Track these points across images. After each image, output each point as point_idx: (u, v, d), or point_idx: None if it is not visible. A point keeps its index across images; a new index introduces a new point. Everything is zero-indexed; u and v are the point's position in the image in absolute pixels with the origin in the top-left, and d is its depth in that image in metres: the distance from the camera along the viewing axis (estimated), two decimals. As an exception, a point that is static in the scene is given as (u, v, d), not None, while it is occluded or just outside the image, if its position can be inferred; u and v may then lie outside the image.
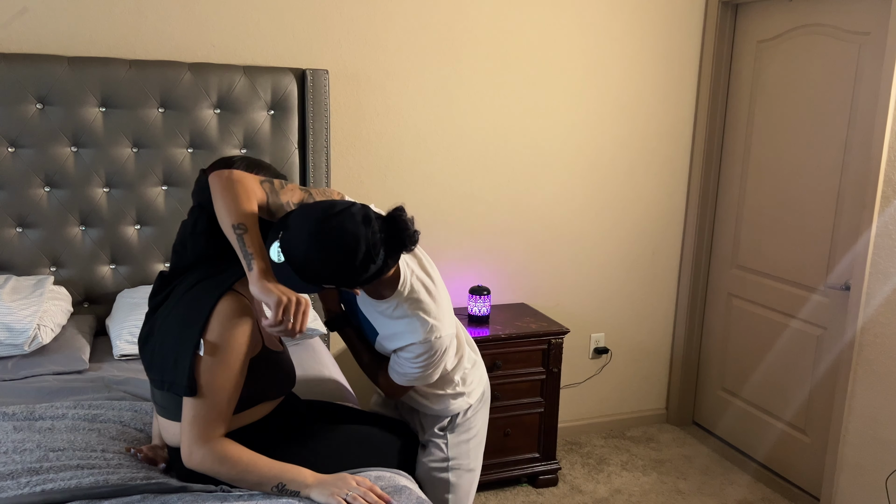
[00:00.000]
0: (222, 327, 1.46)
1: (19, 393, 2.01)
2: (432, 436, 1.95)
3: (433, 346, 1.69)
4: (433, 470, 1.93)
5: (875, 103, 2.63)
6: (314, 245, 1.38)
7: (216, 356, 1.46)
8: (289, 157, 2.71)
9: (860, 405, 2.71)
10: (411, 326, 1.67)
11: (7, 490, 1.45)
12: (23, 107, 2.38)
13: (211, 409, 1.47)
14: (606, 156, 3.33)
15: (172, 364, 1.49)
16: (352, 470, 1.67)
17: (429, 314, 1.68)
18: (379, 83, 2.90)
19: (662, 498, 3.04)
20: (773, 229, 3.16)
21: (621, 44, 3.24)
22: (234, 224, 1.44)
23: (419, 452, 1.97)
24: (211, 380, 1.46)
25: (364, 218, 1.43)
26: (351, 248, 1.39)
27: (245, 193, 1.47)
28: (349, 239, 1.39)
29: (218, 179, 1.49)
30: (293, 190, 1.56)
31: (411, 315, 1.67)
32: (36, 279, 2.38)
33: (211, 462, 1.47)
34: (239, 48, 2.69)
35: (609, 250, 3.45)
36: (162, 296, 1.60)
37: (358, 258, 1.40)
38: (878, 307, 2.62)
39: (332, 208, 1.42)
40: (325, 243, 1.38)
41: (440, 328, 1.69)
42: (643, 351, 3.64)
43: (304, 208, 1.44)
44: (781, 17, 3.06)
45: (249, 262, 1.42)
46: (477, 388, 1.97)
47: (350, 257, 1.40)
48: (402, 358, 1.73)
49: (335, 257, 1.39)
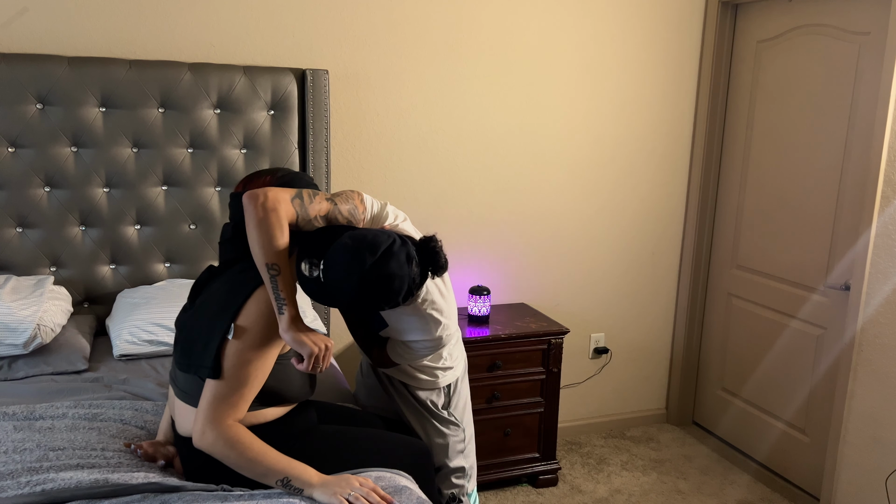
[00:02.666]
0: (257, 314, 1.51)
1: (19, 393, 2.01)
2: (443, 417, 2.03)
3: (442, 341, 1.82)
4: (456, 443, 2.04)
5: (875, 103, 2.64)
6: (362, 287, 1.48)
7: (246, 342, 1.50)
8: (289, 157, 2.71)
9: (860, 405, 2.71)
10: (424, 325, 1.77)
11: (7, 490, 1.45)
12: (23, 107, 2.38)
13: (232, 392, 1.50)
14: (606, 156, 3.33)
15: (202, 347, 1.53)
16: (353, 470, 1.67)
17: (441, 313, 1.78)
18: (379, 83, 2.90)
19: (662, 498, 3.04)
20: (773, 229, 3.16)
21: (621, 44, 3.24)
22: (268, 264, 1.50)
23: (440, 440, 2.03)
24: (237, 364, 1.50)
25: (407, 258, 1.54)
26: (396, 290, 1.52)
27: (279, 225, 1.51)
28: (396, 283, 1.51)
29: (253, 205, 1.51)
30: (321, 201, 1.60)
31: (424, 315, 1.76)
32: (36, 279, 2.38)
33: (222, 445, 1.48)
34: (239, 48, 2.69)
35: (609, 250, 3.45)
36: (204, 286, 1.68)
37: (401, 296, 1.54)
38: (878, 307, 2.62)
39: (376, 248, 1.50)
40: (374, 286, 1.49)
41: (450, 325, 1.81)
42: (643, 351, 3.64)
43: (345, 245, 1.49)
44: (781, 17, 3.06)
45: (281, 306, 1.49)
46: (460, 361, 2.09)
47: (394, 296, 1.53)
48: (409, 344, 1.84)
49: (382, 296, 1.51)
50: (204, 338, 1.54)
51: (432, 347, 1.85)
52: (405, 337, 1.83)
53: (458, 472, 2.08)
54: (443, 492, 2.09)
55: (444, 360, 2.01)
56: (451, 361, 2.04)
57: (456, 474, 2.08)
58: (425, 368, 1.99)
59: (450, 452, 2.04)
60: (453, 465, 2.06)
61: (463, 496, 2.09)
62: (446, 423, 2.04)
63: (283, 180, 1.66)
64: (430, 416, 2.03)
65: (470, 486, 2.12)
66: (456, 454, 2.06)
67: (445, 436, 2.03)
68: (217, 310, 1.55)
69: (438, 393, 2.04)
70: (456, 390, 2.08)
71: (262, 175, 1.68)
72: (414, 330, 1.80)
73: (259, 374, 1.52)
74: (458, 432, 2.06)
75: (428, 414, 2.03)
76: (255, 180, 1.66)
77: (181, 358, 1.60)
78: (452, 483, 2.08)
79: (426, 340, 1.83)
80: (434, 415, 2.03)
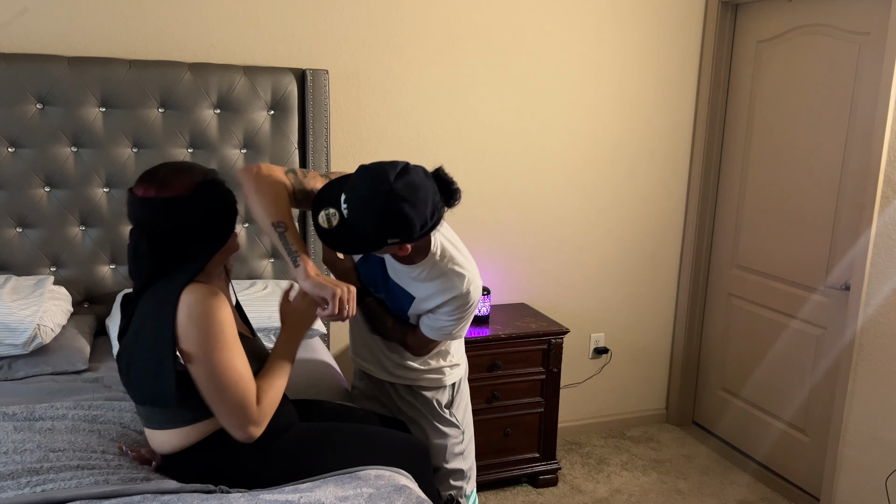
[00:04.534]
0: (190, 323, 1.44)
1: (19, 393, 2.01)
2: (444, 418, 2.03)
3: (471, 296, 1.76)
4: (454, 445, 2.03)
5: (875, 103, 2.63)
6: (390, 203, 1.47)
7: (201, 355, 1.45)
8: (289, 157, 2.71)
9: (860, 405, 2.71)
10: (449, 283, 1.74)
11: (7, 490, 1.45)
12: (23, 107, 2.38)
13: (234, 393, 1.47)
14: (606, 155, 3.33)
15: (154, 377, 1.47)
16: (353, 469, 1.67)
17: (463, 268, 1.76)
18: (379, 83, 2.90)
19: (662, 498, 3.04)
20: (773, 229, 3.16)
21: (621, 44, 3.24)
22: (274, 223, 1.52)
23: (439, 441, 2.03)
24: (214, 374, 1.46)
25: (425, 172, 1.57)
26: (423, 201, 1.51)
27: (278, 190, 1.55)
28: (422, 194, 1.51)
29: (248, 176, 1.56)
30: (315, 177, 1.63)
31: (447, 272, 1.74)
32: (36, 279, 2.38)
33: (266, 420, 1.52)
34: (239, 48, 2.69)
35: (609, 250, 3.45)
36: (126, 318, 1.59)
37: (428, 209, 1.53)
38: (878, 307, 2.62)
39: (396, 164, 1.53)
40: (401, 200, 1.48)
41: (474, 279, 1.77)
42: (643, 351, 3.64)
43: (364, 174, 1.51)
44: (781, 17, 3.06)
45: (295, 258, 1.51)
46: (463, 359, 2.09)
47: (422, 209, 1.52)
48: (440, 314, 1.79)
49: (410, 211, 1.50)
50: (153, 368, 1.47)
51: (464, 307, 1.77)
52: (435, 301, 1.77)
53: (456, 474, 2.08)
54: (441, 493, 2.09)
55: (451, 357, 2.02)
56: (457, 358, 2.04)
57: (454, 476, 2.08)
58: (432, 367, 1.98)
59: (447, 454, 2.04)
60: (451, 466, 2.06)
61: (461, 498, 2.09)
62: (447, 424, 2.04)
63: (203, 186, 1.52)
64: (432, 416, 2.03)
65: (468, 487, 2.12)
66: (454, 456, 2.05)
67: (445, 436, 2.03)
68: (153, 335, 1.47)
69: (443, 391, 2.03)
70: (459, 390, 2.08)
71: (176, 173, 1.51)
72: (441, 291, 1.75)
73: (236, 360, 1.48)
74: (457, 434, 2.05)
75: (429, 415, 2.03)
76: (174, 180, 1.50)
77: (136, 393, 1.53)
78: (450, 485, 2.08)
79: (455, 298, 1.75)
80: (436, 415, 2.03)
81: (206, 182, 1.53)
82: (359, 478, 1.61)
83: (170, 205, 1.48)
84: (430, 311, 1.81)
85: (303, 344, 2.53)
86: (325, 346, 2.65)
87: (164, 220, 1.48)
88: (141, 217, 1.50)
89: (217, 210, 1.54)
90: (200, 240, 1.52)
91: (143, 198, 1.49)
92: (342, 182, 1.57)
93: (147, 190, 1.49)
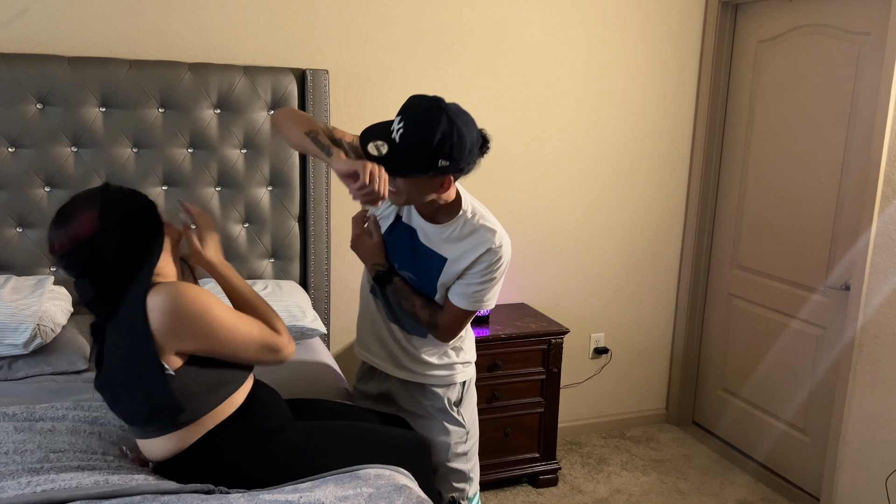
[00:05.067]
0: (168, 309, 1.44)
1: (19, 393, 2.01)
2: (449, 415, 2.01)
3: (502, 251, 1.81)
4: (456, 445, 2.02)
5: (875, 103, 2.63)
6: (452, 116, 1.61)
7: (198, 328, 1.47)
8: (289, 157, 2.71)
9: (860, 405, 2.71)
10: (480, 238, 1.80)
11: (7, 490, 1.45)
12: (23, 107, 2.38)
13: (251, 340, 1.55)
14: (606, 156, 3.33)
15: (145, 395, 1.48)
16: (352, 468, 1.67)
17: (492, 223, 1.83)
18: (379, 83, 2.89)
19: (662, 498, 3.04)
20: (773, 229, 3.16)
21: (621, 44, 3.24)
22: (306, 132, 1.72)
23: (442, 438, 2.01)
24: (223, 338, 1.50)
25: None
26: (472, 126, 1.66)
27: (304, 115, 1.84)
28: (470, 119, 1.67)
29: (280, 112, 1.85)
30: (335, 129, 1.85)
31: (478, 228, 1.81)
32: (36, 279, 2.38)
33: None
34: (239, 48, 2.69)
35: (609, 250, 3.45)
36: (98, 345, 1.59)
37: (474, 136, 1.67)
38: (878, 307, 2.62)
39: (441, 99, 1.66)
40: (460, 115, 1.64)
41: (505, 236, 1.83)
42: (643, 351, 3.64)
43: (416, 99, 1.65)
44: (781, 17, 3.06)
45: (328, 150, 1.67)
46: (474, 358, 2.10)
47: (472, 133, 1.65)
48: (470, 276, 1.82)
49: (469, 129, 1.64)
50: (143, 385, 1.47)
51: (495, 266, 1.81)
52: (467, 260, 1.80)
53: (458, 476, 2.06)
54: (442, 495, 2.08)
55: (465, 353, 2.02)
56: (469, 356, 2.05)
57: (455, 477, 2.06)
58: (444, 363, 1.98)
59: (449, 453, 2.03)
60: (452, 466, 2.04)
61: (463, 500, 2.08)
62: (453, 422, 2.02)
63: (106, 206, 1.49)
64: (439, 412, 2.00)
65: (471, 490, 2.11)
66: (456, 456, 2.04)
67: (449, 434, 2.01)
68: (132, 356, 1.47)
69: (453, 389, 2.02)
70: (468, 390, 2.08)
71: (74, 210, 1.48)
72: (473, 248, 1.80)
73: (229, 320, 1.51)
74: (461, 434, 2.04)
75: (436, 411, 2.01)
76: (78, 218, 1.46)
77: (131, 415, 1.53)
78: (452, 486, 2.06)
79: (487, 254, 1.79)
80: (443, 411, 2.01)
81: (105, 201, 1.49)
82: (358, 477, 1.61)
83: (91, 242, 1.45)
84: (460, 277, 1.83)
85: (303, 344, 2.53)
86: (325, 345, 2.65)
87: (94, 259, 1.47)
88: (74, 268, 1.48)
89: (131, 215, 1.51)
90: (137, 250, 1.50)
91: (63, 249, 1.46)
92: (387, 122, 1.68)
93: (61, 243, 1.46)
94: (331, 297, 2.91)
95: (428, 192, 1.72)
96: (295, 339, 2.51)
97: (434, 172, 1.64)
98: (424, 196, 1.73)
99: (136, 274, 1.49)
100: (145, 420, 1.52)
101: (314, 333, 2.51)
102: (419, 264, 1.87)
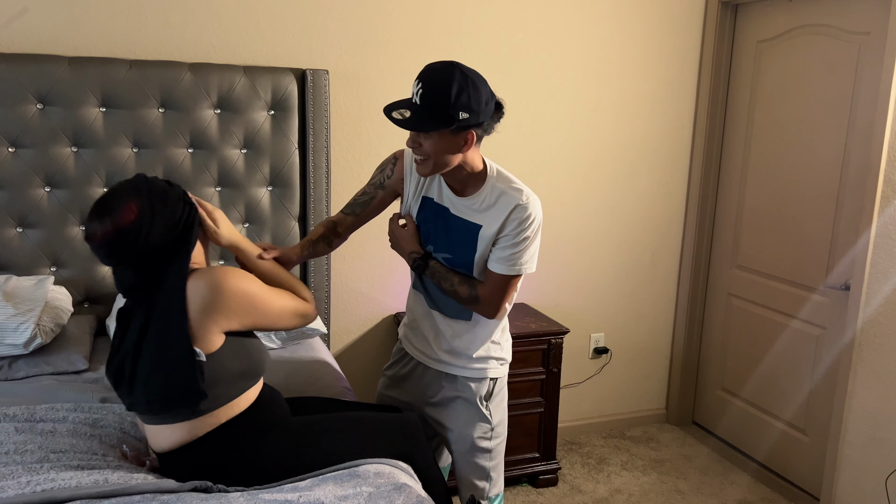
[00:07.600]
0: (209, 288, 1.53)
1: (19, 393, 2.01)
2: (476, 407, 2.00)
3: (531, 208, 1.88)
4: (479, 440, 2.01)
5: (875, 103, 2.63)
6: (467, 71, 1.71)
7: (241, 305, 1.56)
8: (289, 158, 2.71)
9: (860, 405, 2.71)
10: (508, 198, 1.86)
11: (7, 490, 1.45)
12: (23, 107, 2.38)
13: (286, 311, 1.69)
14: (606, 155, 3.33)
15: (174, 377, 1.50)
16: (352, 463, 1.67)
17: (518, 184, 1.91)
18: (379, 83, 2.90)
19: (662, 498, 3.04)
20: (773, 229, 3.16)
21: (621, 44, 3.24)
22: None
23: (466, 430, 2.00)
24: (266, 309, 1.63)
25: None
26: (485, 83, 1.75)
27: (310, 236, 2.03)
28: (483, 78, 1.75)
29: None
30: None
31: (506, 191, 1.87)
32: (36, 279, 2.38)
33: None
34: (239, 48, 2.69)
35: (609, 250, 3.45)
36: (123, 330, 1.62)
37: (488, 92, 1.74)
38: (877, 307, 2.62)
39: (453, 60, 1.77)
40: (474, 72, 1.73)
41: (532, 194, 1.91)
42: (643, 351, 3.64)
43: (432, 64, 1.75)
44: (781, 17, 3.06)
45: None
46: (509, 356, 2.10)
47: (486, 88, 1.73)
48: (504, 240, 1.86)
49: (484, 84, 1.73)
50: (175, 367, 1.50)
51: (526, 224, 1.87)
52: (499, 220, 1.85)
53: (479, 472, 2.04)
54: (461, 494, 2.06)
55: (501, 349, 2.03)
56: (505, 352, 2.05)
57: (476, 474, 2.03)
58: (481, 356, 1.99)
59: (471, 444, 2.01)
60: (473, 460, 2.02)
61: (482, 500, 2.06)
62: (479, 415, 2.01)
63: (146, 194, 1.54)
64: (467, 403, 2.00)
65: (493, 490, 2.08)
66: (477, 451, 2.02)
67: (473, 426, 2.00)
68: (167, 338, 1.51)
69: (484, 383, 2.01)
70: (500, 388, 2.06)
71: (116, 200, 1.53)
72: (503, 207, 1.85)
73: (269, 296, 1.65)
74: (486, 429, 2.02)
75: (465, 403, 2.00)
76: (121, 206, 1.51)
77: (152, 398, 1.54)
78: (473, 484, 2.04)
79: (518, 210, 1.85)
80: (471, 403, 2.00)
81: (149, 191, 1.55)
82: (358, 475, 1.61)
83: (135, 230, 1.50)
84: (495, 243, 1.87)
85: (303, 344, 2.53)
86: (325, 345, 2.65)
87: (137, 246, 1.51)
88: (114, 254, 1.53)
89: (172, 205, 1.57)
90: (179, 237, 1.57)
91: (106, 237, 1.50)
92: (405, 99, 1.76)
93: (105, 230, 1.50)
94: (331, 297, 2.92)
95: (453, 151, 1.76)
96: (295, 339, 2.51)
97: (457, 126, 1.69)
98: (450, 156, 1.76)
99: (174, 261, 1.55)
100: (165, 405, 1.53)
101: (314, 333, 2.52)
102: (454, 241, 1.90)
